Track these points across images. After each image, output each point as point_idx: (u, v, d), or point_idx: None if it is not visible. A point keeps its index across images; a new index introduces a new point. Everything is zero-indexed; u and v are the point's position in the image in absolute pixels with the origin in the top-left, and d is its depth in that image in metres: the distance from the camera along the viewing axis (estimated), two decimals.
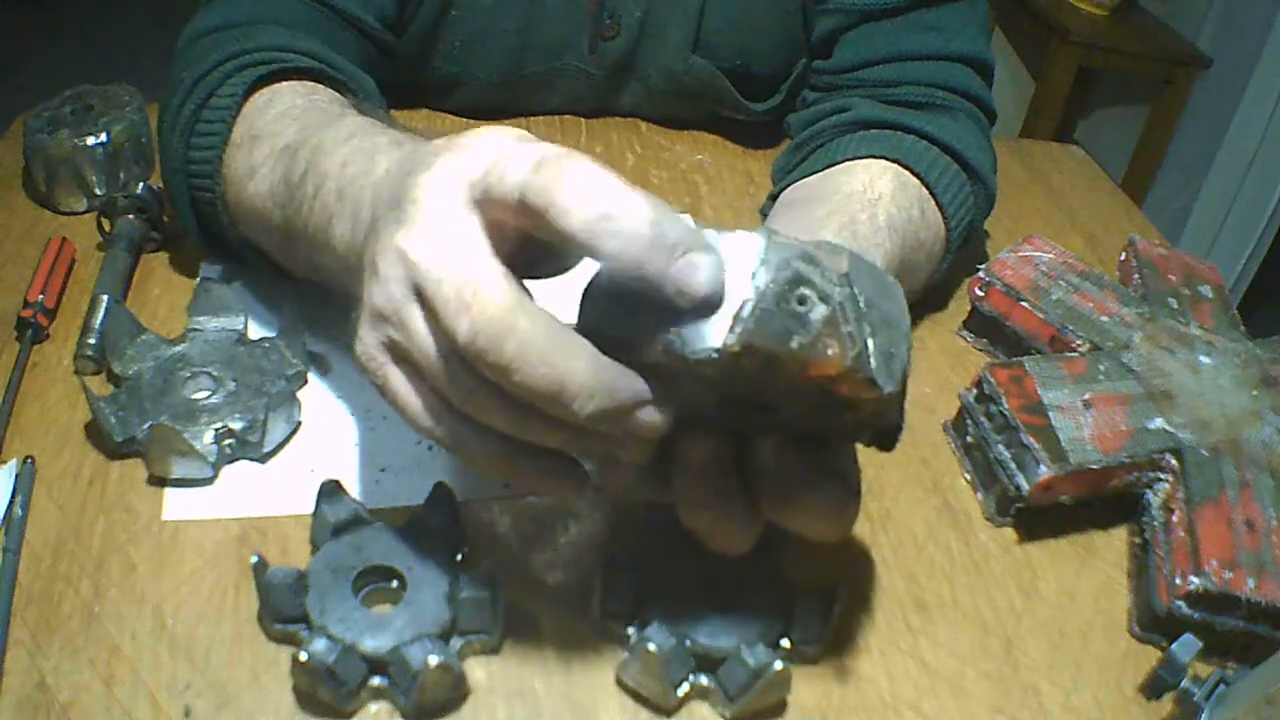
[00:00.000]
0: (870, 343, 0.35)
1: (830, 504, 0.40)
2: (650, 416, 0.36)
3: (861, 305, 0.35)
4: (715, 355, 0.34)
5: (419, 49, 0.76)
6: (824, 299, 0.34)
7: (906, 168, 0.63)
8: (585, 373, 0.34)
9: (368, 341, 0.39)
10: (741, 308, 0.34)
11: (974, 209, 0.67)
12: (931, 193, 0.64)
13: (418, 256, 0.36)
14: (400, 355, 0.38)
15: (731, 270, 0.34)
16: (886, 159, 0.64)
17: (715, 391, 0.37)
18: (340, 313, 0.43)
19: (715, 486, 0.39)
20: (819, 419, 0.39)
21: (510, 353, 0.34)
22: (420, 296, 0.36)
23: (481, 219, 0.36)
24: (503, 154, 0.36)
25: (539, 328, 0.34)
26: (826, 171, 0.65)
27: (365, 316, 0.39)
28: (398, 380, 0.39)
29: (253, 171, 0.53)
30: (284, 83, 0.57)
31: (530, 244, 0.38)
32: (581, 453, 0.39)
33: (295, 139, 0.51)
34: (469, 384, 0.36)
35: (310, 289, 0.60)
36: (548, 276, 0.40)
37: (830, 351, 0.34)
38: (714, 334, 0.34)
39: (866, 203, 0.59)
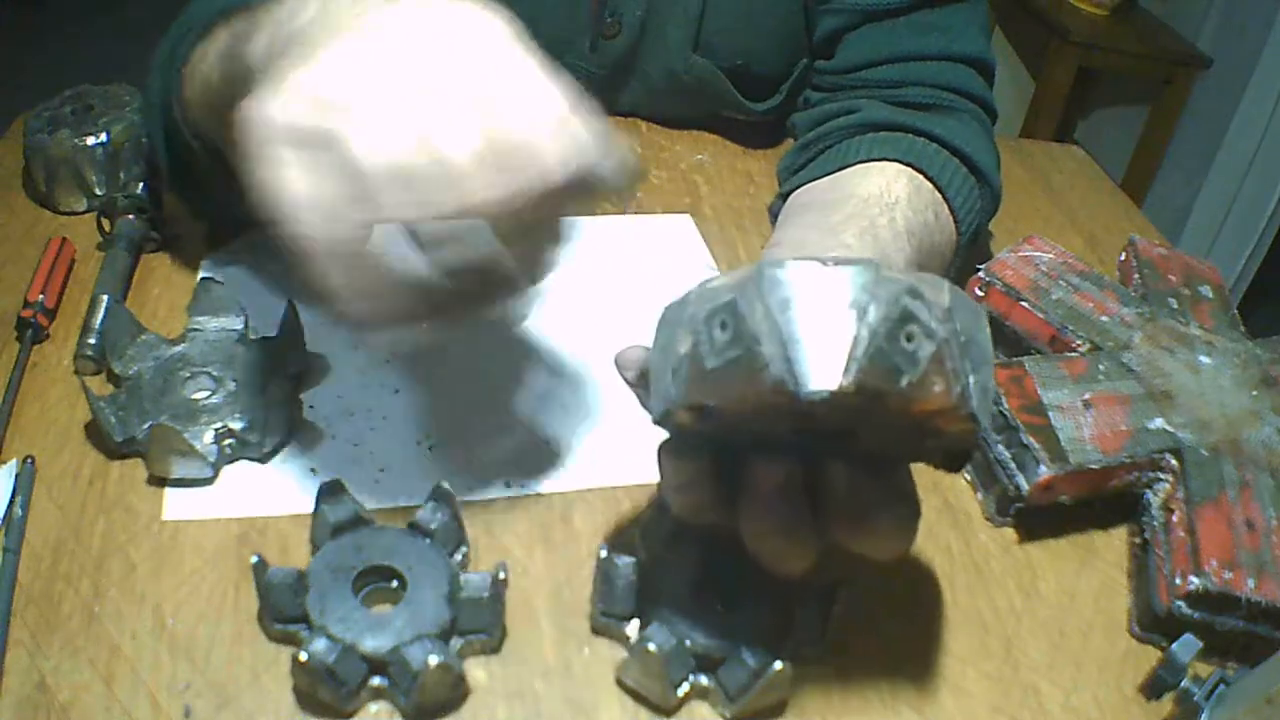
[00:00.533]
0: (971, 379, 0.35)
1: (899, 525, 0.40)
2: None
3: (963, 340, 0.35)
4: (829, 396, 0.33)
5: None
6: (929, 336, 0.34)
7: (920, 171, 0.64)
8: None
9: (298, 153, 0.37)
10: (854, 346, 0.33)
11: (982, 211, 0.67)
12: (944, 196, 0.64)
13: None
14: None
15: (838, 302, 0.33)
16: (900, 162, 0.64)
17: (800, 421, 0.36)
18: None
19: (784, 512, 0.39)
20: (898, 445, 0.39)
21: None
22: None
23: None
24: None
25: None
26: (840, 174, 0.65)
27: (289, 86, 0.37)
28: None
29: (205, 54, 0.52)
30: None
31: None
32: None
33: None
34: None
35: (309, 289, 0.60)
36: None
37: (936, 389, 0.34)
38: (826, 373, 0.33)
39: (885, 207, 0.59)
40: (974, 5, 0.73)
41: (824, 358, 0.33)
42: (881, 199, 0.60)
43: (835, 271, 0.34)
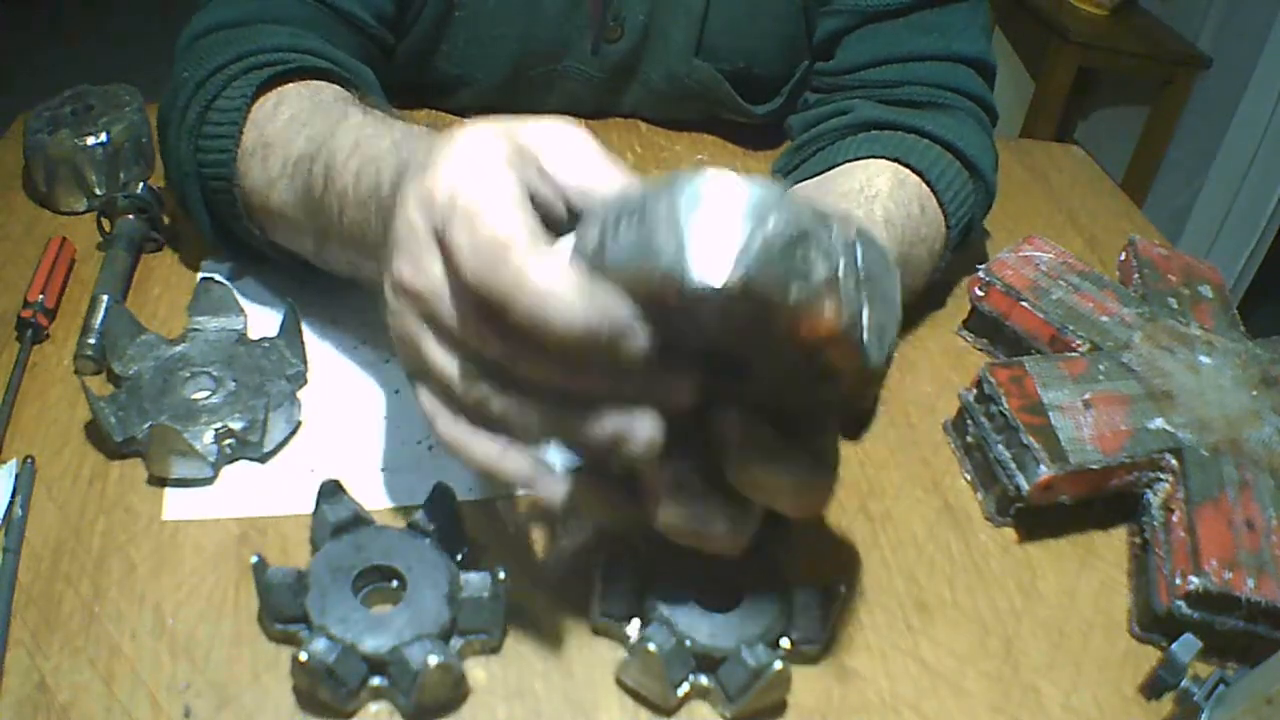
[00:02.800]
0: (866, 311, 0.35)
1: (797, 475, 0.39)
2: (636, 341, 0.36)
3: (862, 274, 0.35)
4: (716, 291, 0.33)
5: (421, 49, 0.76)
6: (826, 257, 0.34)
7: (906, 165, 0.64)
8: (575, 292, 0.35)
9: (397, 310, 0.40)
10: (746, 247, 0.33)
11: (975, 206, 0.67)
12: (932, 189, 0.64)
13: (438, 190, 0.37)
14: (427, 313, 0.39)
15: (745, 214, 0.34)
16: (886, 158, 0.64)
17: (695, 337, 0.37)
18: (340, 310, 0.43)
19: (683, 481, 0.40)
20: (793, 391, 0.39)
21: (505, 278, 0.35)
22: (439, 238, 0.38)
23: (507, 166, 0.38)
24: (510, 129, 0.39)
25: (536, 253, 0.35)
26: (826, 174, 0.66)
27: (390, 285, 0.40)
28: (429, 343, 0.39)
29: (271, 184, 0.54)
30: (289, 84, 0.57)
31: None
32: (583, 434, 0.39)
33: (306, 150, 0.51)
34: (475, 318, 0.37)
35: (310, 289, 0.60)
36: None
37: (826, 312, 0.34)
38: (715, 269, 0.33)
39: (864, 199, 0.60)
40: (974, 6, 0.73)
41: (715, 254, 0.33)
42: (862, 193, 0.60)
43: (746, 181, 0.34)
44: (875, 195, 0.60)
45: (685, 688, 0.43)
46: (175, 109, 0.58)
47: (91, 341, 0.55)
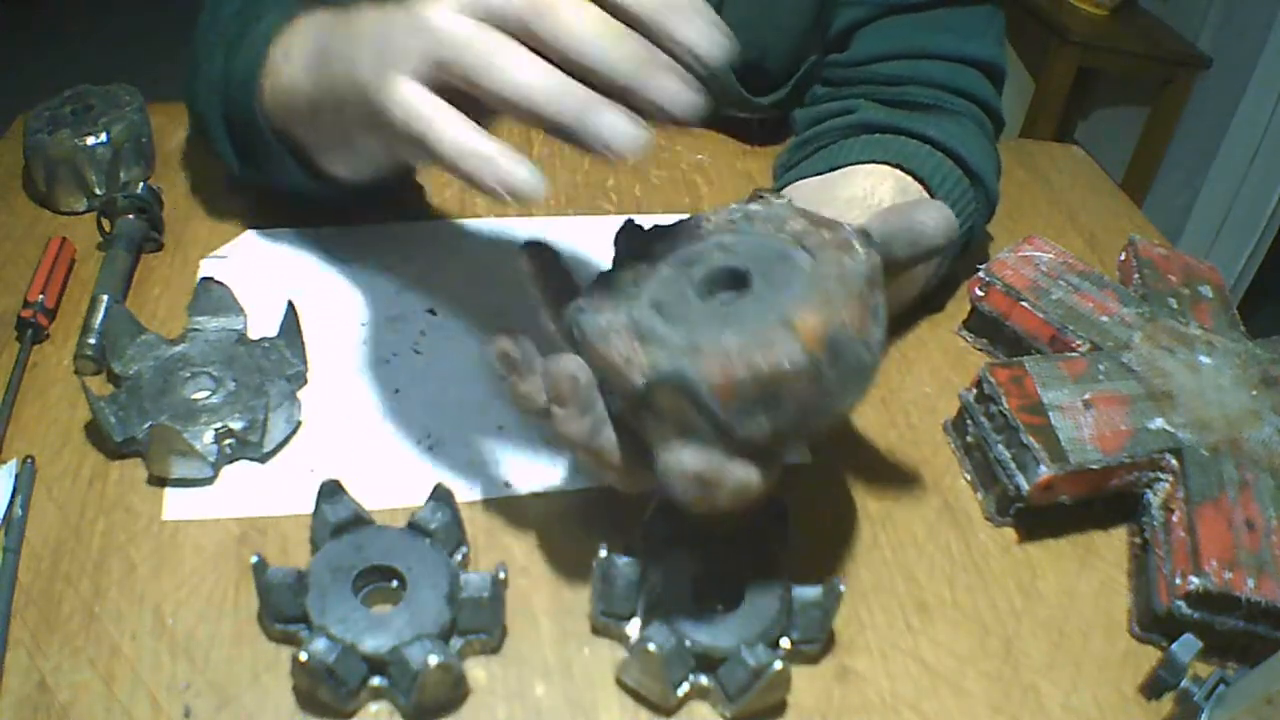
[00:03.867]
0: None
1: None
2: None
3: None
4: None
5: None
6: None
7: (909, 173, 0.64)
8: None
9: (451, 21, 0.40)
10: None
11: (976, 214, 0.67)
12: (933, 198, 0.64)
13: None
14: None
15: None
16: (889, 164, 0.64)
17: None
18: (341, 310, 0.43)
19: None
20: None
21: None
22: None
23: None
24: None
25: None
26: (828, 175, 0.66)
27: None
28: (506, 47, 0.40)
29: (288, 55, 0.55)
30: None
31: None
32: None
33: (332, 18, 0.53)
34: None
35: (310, 289, 0.60)
36: None
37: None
38: None
39: (866, 209, 0.60)
40: (993, 12, 0.73)
41: None
42: (864, 201, 0.60)
43: None
44: (879, 204, 0.60)
45: (685, 688, 0.43)
46: (213, 33, 0.60)
47: (91, 341, 0.55)
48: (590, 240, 0.68)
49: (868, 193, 0.61)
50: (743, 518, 0.46)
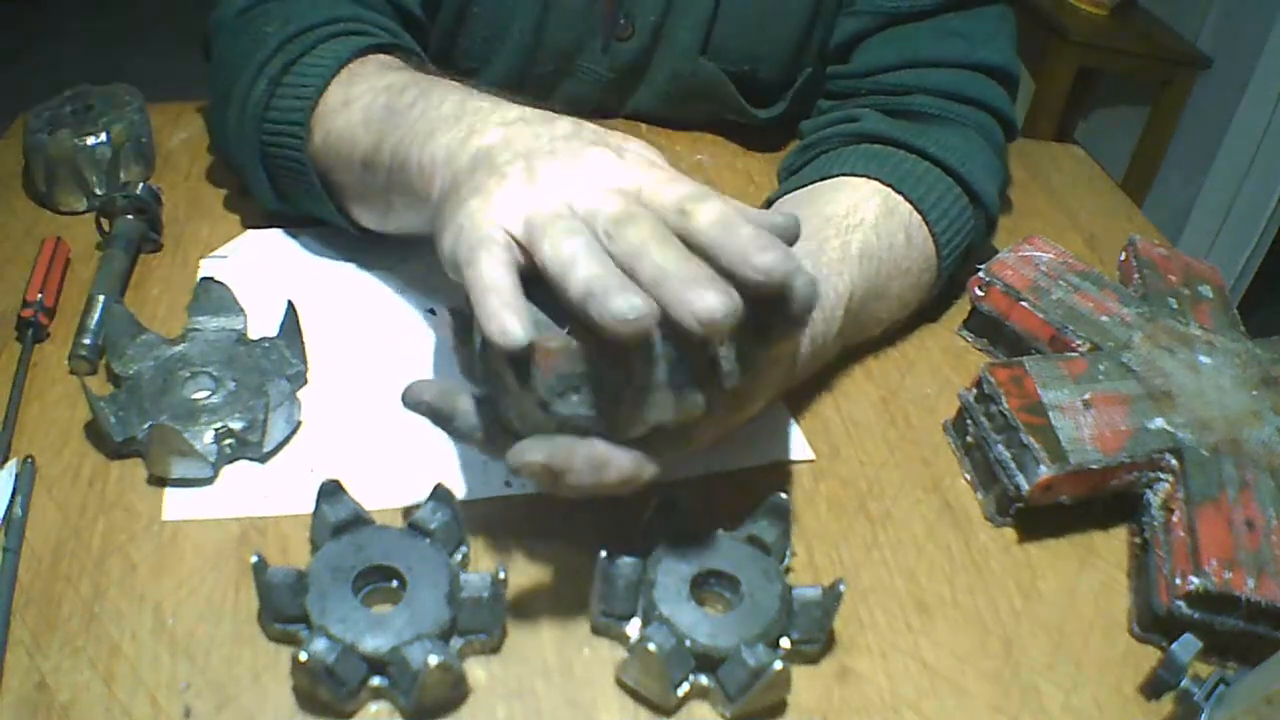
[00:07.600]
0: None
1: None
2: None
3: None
4: None
5: (443, 44, 0.76)
6: None
7: (900, 192, 0.62)
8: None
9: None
10: None
11: (972, 232, 0.66)
12: (925, 219, 0.63)
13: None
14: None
15: None
16: (880, 181, 0.63)
17: None
18: (341, 310, 0.43)
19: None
20: None
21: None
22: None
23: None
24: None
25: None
26: (817, 187, 0.64)
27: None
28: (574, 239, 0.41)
29: (348, 103, 0.55)
30: (375, 55, 0.59)
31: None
32: None
33: (402, 81, 0.54)
34: None
35: (310, 289, 0.60)
36: None
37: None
38: None
39: (843, 229, 0.59)
40: (1002, 14, 0.71)
41: None
42: (845, 220, 0.59)
43: None
44: (859, 224, 0.59)
45: (685, 688, 0.43)
46: (251, 62, 0.59)
47: (86, 341, 0.55)
48: None
49: (849, 210, 0.60)
50: (739, 513, 0.45)
